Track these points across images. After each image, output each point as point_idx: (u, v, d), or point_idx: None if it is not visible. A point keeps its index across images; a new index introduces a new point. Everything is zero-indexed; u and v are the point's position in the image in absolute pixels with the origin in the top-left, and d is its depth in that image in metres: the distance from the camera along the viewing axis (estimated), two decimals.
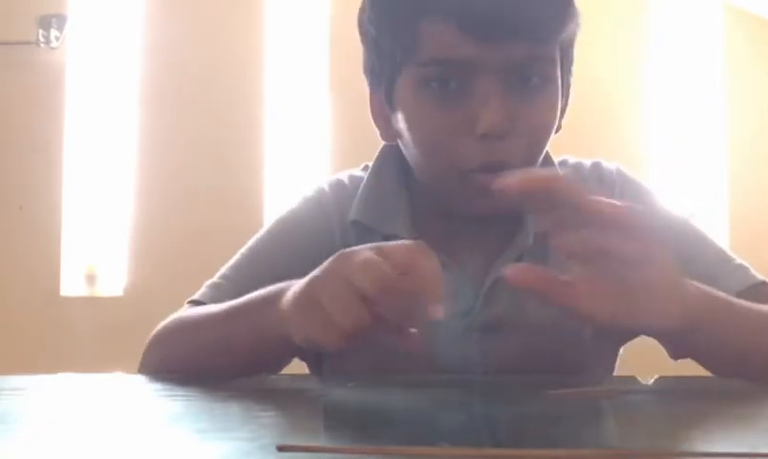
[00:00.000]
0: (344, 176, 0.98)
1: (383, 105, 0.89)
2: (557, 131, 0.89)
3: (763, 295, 0.85)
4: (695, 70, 3.75)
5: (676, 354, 0.77)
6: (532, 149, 0.83)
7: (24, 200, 3.34)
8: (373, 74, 0.90)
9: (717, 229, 3.62)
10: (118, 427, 0.57)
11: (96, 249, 3.46)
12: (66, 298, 3.35)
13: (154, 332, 0.89)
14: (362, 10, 0.89)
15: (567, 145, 1.09)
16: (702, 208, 3.66)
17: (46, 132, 3.36)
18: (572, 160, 0.98)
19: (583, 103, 1.02)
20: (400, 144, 0.90)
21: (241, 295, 0.81)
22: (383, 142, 0.97)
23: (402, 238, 0.79)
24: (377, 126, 0.92)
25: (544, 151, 0.88)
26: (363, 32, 0.89)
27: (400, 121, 0.86)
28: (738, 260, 0.91)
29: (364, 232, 0.90)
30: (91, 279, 3.42)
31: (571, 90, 0.91)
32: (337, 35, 3.53)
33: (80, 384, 0.83)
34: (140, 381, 0.82)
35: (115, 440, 0.52)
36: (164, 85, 3.43)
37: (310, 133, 3.61)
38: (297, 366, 0.93)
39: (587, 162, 0.98)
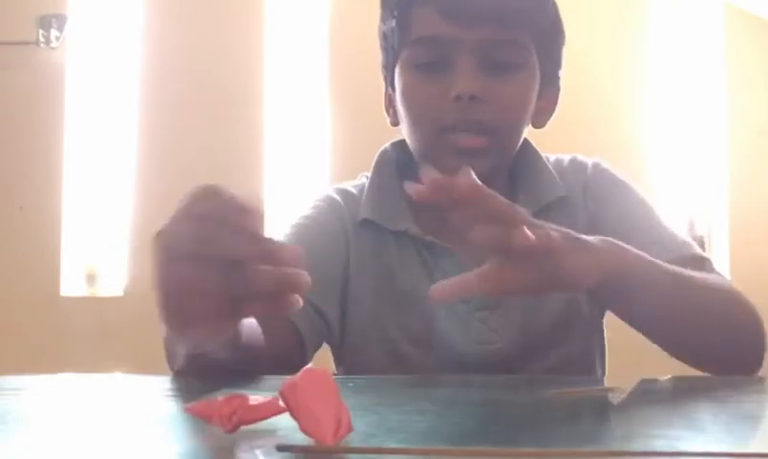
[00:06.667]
0: (346, 185, 1.06)
1: (390, 94, 1.02)
2: (539, 126, 0.99)
3: (697, 266, 0.89)
4: (696, 70, 3.75)
5: (606, 306, 0.87)
6: (503, 119, 0.94)
7: (24, 200, 3.34)
8: (384, 66, 1.02)
9: (717, 229, 3.62)
10: (118, 427, 0.57)
11: (96, 249, 3.46)
12: (66, 298, 3.35)
13: None
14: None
15: (568, 145, 1.09)
16: (702, 209, 3.66)
17: (46, 132, 3.36)
18: (552, 157, 1.06)
19: (583, 103, 1.05)
20: (401, 129, 1.01)
21: None
22: (381, 144, 1.03)
23: (410, 234, 0.93)
24: (387, 114, 1.04)
25: (521, 133, 0.98)
26: (380, 31, 1.02)
27: (398, 101, 0.98)
28: (688, 239, 0.96)
29: (375, 230, 0.97)
30: (91, 279, 3.42)
31: (563, 93, 1.02)
32: (337, 35, 3.53)
33: (80, 384, 0.83)
34: (140, 380, 0.82)
35: (115, 440, 0.52)
36: (164, 85, 3.43)
37: (310, 133, 3.61)
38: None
39: (566, 157, 1.06)
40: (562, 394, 0.69)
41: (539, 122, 1.00)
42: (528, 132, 1.02)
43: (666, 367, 0.83)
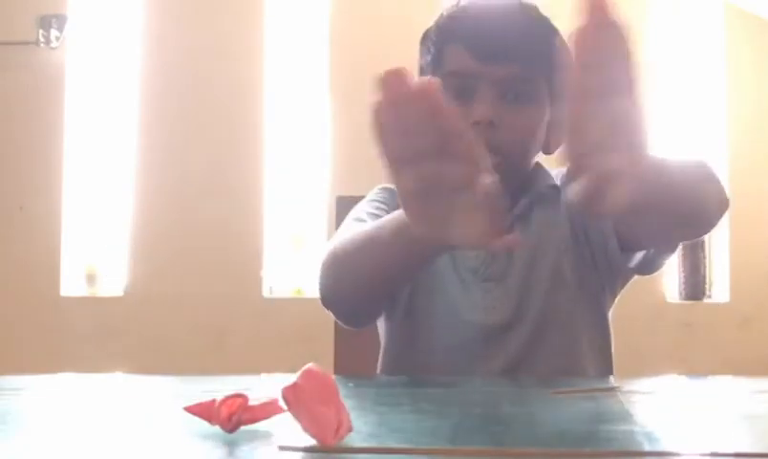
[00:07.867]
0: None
1: None
2: (549, 153, 1.10)
3: None
4: (696, 70, 3.75)
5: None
6: (516, 143, 1.06)
7: (24, 200, 3.34)
8: None
9: (717, 228, 3.62)
10: (118, 427, 0.57)
11: (96, 249, 3.46)
12: (66, 298, 3.35)
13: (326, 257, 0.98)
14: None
15: None
16: None
17: (46, 132, 3.36)
18: (554, 171, 1.15)
19: None
20: None
21: None
22: None
23: None
24: None
25: (532, 157, 1.10)
26: (418, 65, 1.14)
27: None
28: None
29: None
30: (91, 279, 3.42)
31: None
32: (337, 36, 3.53)
33: (80, 384, 0.83)
34: (140, 380, 0.82)
35: (114, 440, 0.52)
36: (164, 85, 3.43)
37: (310, 133, 3.61)
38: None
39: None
40: (562, 394, 0.69)
41: (549, 150, 1.12)
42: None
43: (666, 367, 0.83)
